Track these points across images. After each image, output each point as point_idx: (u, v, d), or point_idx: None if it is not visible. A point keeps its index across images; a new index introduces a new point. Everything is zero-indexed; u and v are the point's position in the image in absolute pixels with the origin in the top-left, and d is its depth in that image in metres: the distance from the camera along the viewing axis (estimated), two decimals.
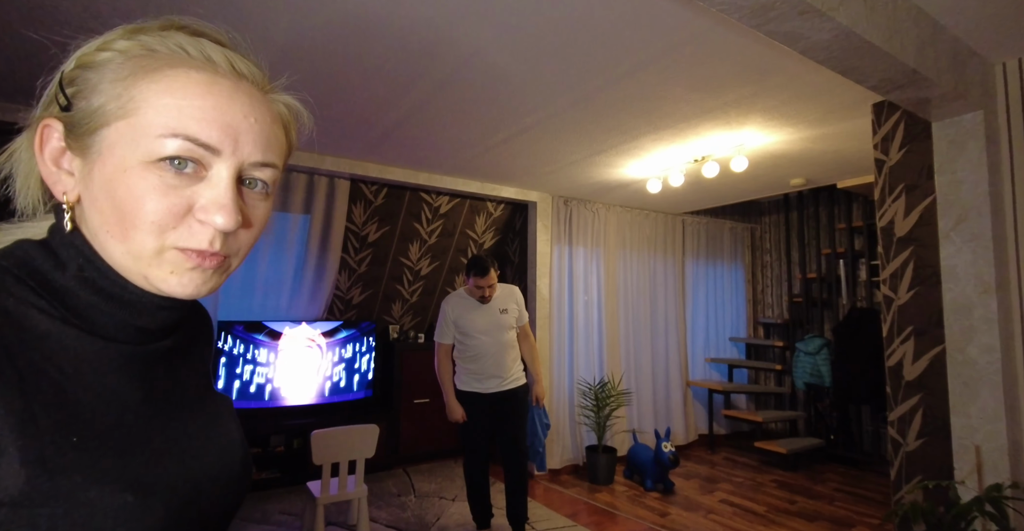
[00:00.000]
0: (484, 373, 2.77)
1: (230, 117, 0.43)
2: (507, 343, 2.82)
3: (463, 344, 2.80)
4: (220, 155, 0.42)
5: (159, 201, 0.40)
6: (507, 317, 2.82)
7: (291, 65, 2.19)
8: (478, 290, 2.73)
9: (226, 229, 0.42)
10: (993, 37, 1.90)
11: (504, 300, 2.84)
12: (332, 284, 3.87)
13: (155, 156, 0.40)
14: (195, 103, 0.42)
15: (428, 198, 4.14)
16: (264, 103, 0.48)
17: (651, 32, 1.90)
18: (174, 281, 0.42)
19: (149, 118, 0.40)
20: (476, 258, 2.74)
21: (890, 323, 2.25)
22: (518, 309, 2.89)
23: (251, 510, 3.09)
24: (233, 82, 0.45)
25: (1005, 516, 1.69)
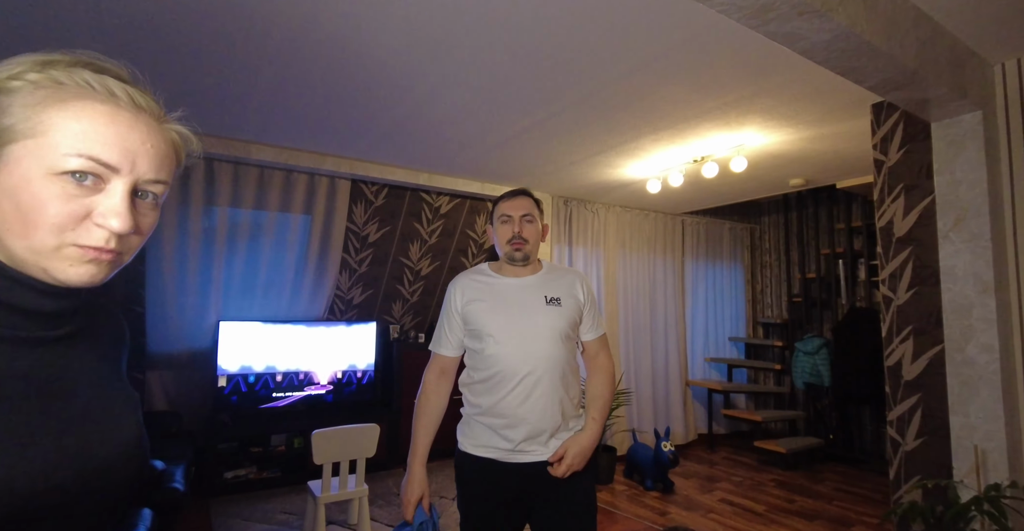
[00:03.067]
0: (508, 419, 1.43)
1: (129, 143, 0.51)
2: (558, 363, 1.45)
3: (474, 359, 1.52)
4: (119, 173, 0.51)
5: (61, 206, 0.48)
6: (560, 313, 1.49)
7: (292, 65, 2.19)
8: (505, 228, 1.53)
9: (121, 232, 0.50)
10: (992, 38, 1.91)
11: (556, 285, 1.54)
12: (333, 284, 3.88)
13: (59, 169, 0.48)
14: (99, 130, 0.50)
15: (428, 198, 4.14)
16: (159, 131, 0.56)
17: (650, 33, 1.91)
18: (71, 272, 0.50)
19: (57, 139, 0.48)
20: None
21: (889, 323, 2.26)
22: (581, 306, 1.56)
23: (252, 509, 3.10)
24: (133, 114, 0.53)
25: (1004, 515, 1.70)
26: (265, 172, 3.51)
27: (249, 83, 2.36)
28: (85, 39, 1.96)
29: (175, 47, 2.04)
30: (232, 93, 2.45)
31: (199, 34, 1.96)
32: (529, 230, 1.51)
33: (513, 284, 1.52)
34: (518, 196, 1.55)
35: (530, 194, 1.58)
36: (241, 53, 2.09)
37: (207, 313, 3.47)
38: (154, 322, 3.30)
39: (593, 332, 1.59)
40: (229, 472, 3.35)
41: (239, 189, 3.46)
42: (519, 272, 1.54)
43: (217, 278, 3.46)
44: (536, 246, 1.53)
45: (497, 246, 1.55)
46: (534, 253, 1.54)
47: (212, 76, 2.29)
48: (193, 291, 3.39)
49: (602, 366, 1.59)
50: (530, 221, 1.52)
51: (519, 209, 1.52)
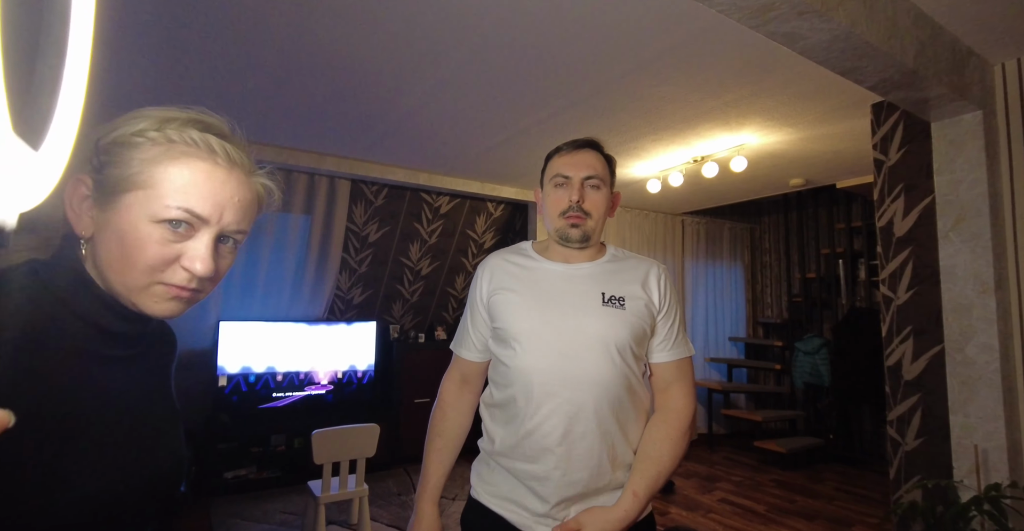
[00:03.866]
0: (535, 464, 1.04)
1: (221, 197, 0.59)
2: (611, 390, 1.05)
3: (496, 371, 1.15)
4: (208, 223, 0.58)
5: (157, 250, 0.55)
6: (621, 318, 1.08)
7: (291, 65, 2.19)
8: (559, 194, 1.12)
9: (203, 275, 0.57)
10: (992, 38, 1.91)
11: (622, 279, 1.13)
12: (333, 284, 3.88)
13: (161, 218, 0.55)
14: (198, 185, 0.57)
15: (428, 198, 4.14)
16: (247, 184, 0.63)
17: (650, 33, 1.91)
18: (157, 308, 0.58)
19: (163, 192, 0.56)
20: None
21: (889, 323, 2.26)
22: (655, 310, 1.13)
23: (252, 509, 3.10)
24: (227, 169, 0.60)
25: (1004, 515, 1.70)
26: None
27: (249, 83, 2.36)
28: None
29: (174, 47, 2.04)
30: (232, 93, 2.45)
31: (198, 34, 1.96)
32: (594, 199, 1.09)
33: (560, 272, 1.11)
34: (582, 149, 1.11)
35: (599, 147, 1.14)
36: (240, 53, 2.09)
37: (207, 313, 3.47)
38: None
39: (669, 351, 1.10)
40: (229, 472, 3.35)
41: None
42: (572, 256, 1.13)
43: None
44: (601, 223, 1.11)
45: (546, 219, 1.15)
46: (597, 232, 1.11)
47: (212, 76, 2.29)
48: None
49: (673, 407, 1.09)
50: (596, 187, 1.09)
51: (582, 168, 1.08)
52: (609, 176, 1.14)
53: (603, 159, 1.14)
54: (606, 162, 1.14)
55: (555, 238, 1.13)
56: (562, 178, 1.10)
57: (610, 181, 1.14)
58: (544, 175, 1.17)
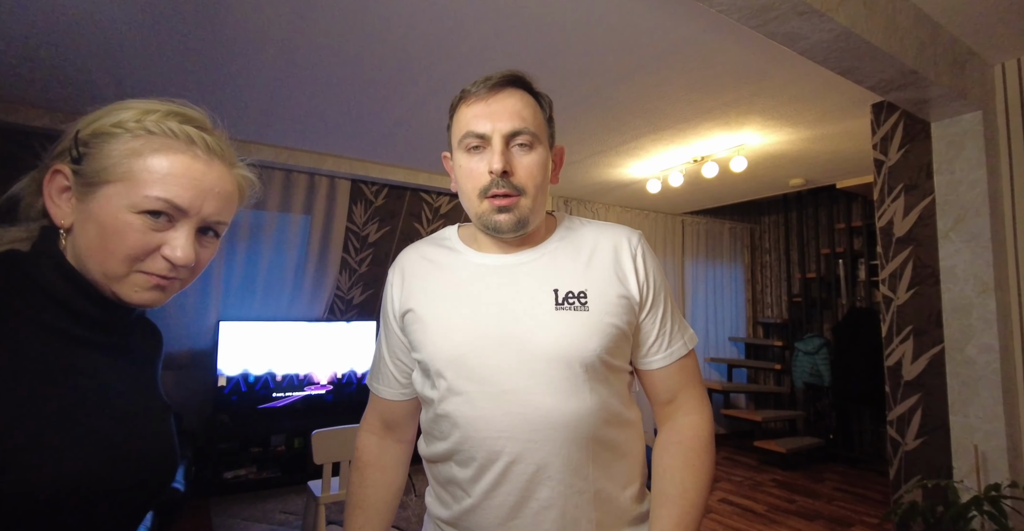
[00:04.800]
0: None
1: (200, 188, 0.59)
2: (582, 432, 0.72)
3: (426, 415, 0.82)
4: (188, 214, 0.58)
5: (137, 239, 0.56)
6: (583, 323, 0.74)
7: (291, 64, 2.19)
8: (473, 162, 0.76)
9: (183, 264, 0.58)
10: (992, 38, 1.91)
11: (577, 264, 0.80)
12: (333, 284, 3.88)
13: (140, 208, 0.56)
14: (177, 176, 0.58)
15: (428, 198, 4.14)
16: (227, 176, 0.63)
17: (650, 33, 1.91)
18: (136, 296, 0.58)
19: (142, 183, 0.56)
20: None
21: (889, 323, 2.26)
22: (635, 301, 0.79)
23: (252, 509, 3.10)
24: (207, 160, 0.61)
25: (1004, 515, 1.70)
26: (265, 172, 3.51)
27: (249, 83, 2.36)
28: (81, 38, 1.96)
29: (174, 47, 2.04)
30: (232, 93, 2.45)
31: (198, 34, 1.95)
32: (527, 165, 0.74)
33: (493, 267, 0.80)
34: (500, 90, 0.75)
35: (526, 83, 0.79)
36: (240, 52, 2.09)
37: (207, 313, 3.47)
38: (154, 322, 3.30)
39: (666, 353, 0.81)
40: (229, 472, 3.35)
41: None
42: (508, 245, 0.81)
43: (217, 278, 3.46)
44: (542, 197, 0.78)
45: (461, 198, 0.80)
46: (537, 212, 0.78)
47: (212, 75, 2.29)
48: (193, 291, 3.39)
49: (686, 423, 0.81)
50: (527, 146, 0.75)
51: (502, 119, 0.73)
52: (545, 126, 0.79)
53: (534, 102, 0.77)
54: (538, 105, 0.78)
55: (479, 227, 0.79)
56: (474, 138, 0.74)
57: (548, 132, 0.79)
58: (451, 132, 0.79)
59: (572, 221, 0.87)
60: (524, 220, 0.76)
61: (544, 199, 0.79)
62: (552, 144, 0.82)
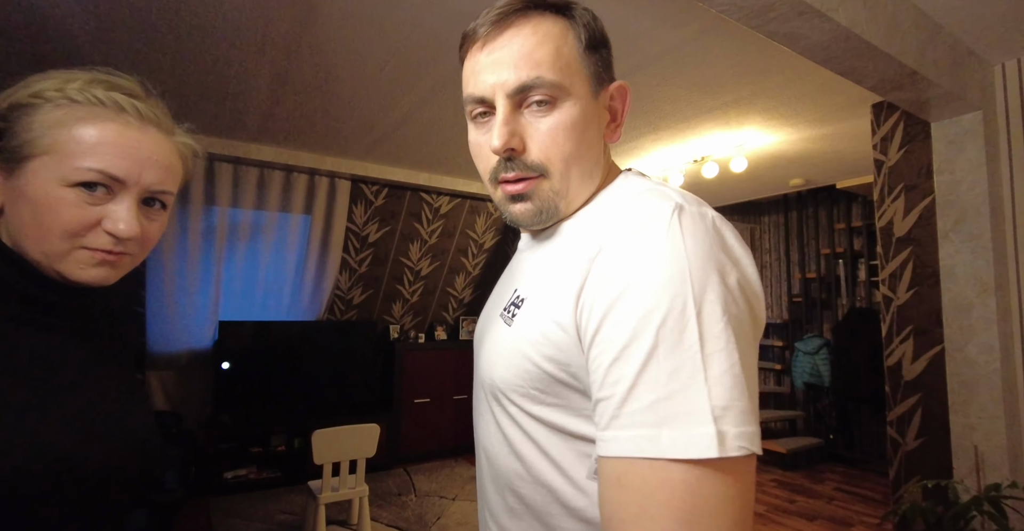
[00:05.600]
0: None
1: (136, 157, 0.56)
2: (507, 485, 0.55)
3: None
4: (126, 184, 0.55)
5: (73, 214, 0.53)
6: (506, 339, 0.54)
7: (292, 65, 2.19)
8: (478, 135, 0.57)
9: (127, 236, 0.55)
10: (992, 38, 1.91)
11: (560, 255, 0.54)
12: (332, 284, 3.88)
13: (72, 181, 0.53)
14: (109, 145, 0.54)
15: (428, 198, 4.15)
16: (166, 144, 0.60)
17: (650, 33, 1.91)
18: (83, 274, 0.55)
19: (71, 154, 0.53)
20: None
21: (889, 323, 2.26)
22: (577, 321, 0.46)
23: (253, 509, 3.10)
24: (140, 128, 0.57)
25: (1004, 515, 1.70)
26: (265, 172, 3.51)
27: (249, 83, 2.36)
28: (82, 37, 1.97)
29: (175, 47, 2.04)
30: (232, 93, 2.45)
31: (199, 34, 1.96)
32: (548, 132, 0.53)
33: (517, 253, 0.68)
34: (508, 24, 0.53)
35: (549, 5, 0.54)
36: (241, 53, 2.09)
37: (207, 313, 3.47)
38: (154, 322, 3.30)
39: (605, 435, 0.42)
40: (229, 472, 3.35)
41: (239, 189, 3.46)
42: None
43: (217, 278, 3.46)
44: (577, 172, 0.55)
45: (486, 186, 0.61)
46: (571, 195, 0.56)
47: (212, 76, 2.29)
48: (193, 291, 3.39)
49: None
50: (546, 103, 0.52)
51: (504, 69, 0.52)
52: (581, 62, 0.54)
53: (560, 28, 0.54)
54: (569, 30, 0.54)
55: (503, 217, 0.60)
56: (475, 103, 0.56)
57: (588, 71, 0.55)
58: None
59: (626, 184, 0.57)
60: (549, 209, 0.55)
61: (584, 172, 0.56)
62: (603, 84, 0.57)
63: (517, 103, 0.53)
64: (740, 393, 0.40)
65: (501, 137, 0.52)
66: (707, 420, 0.39)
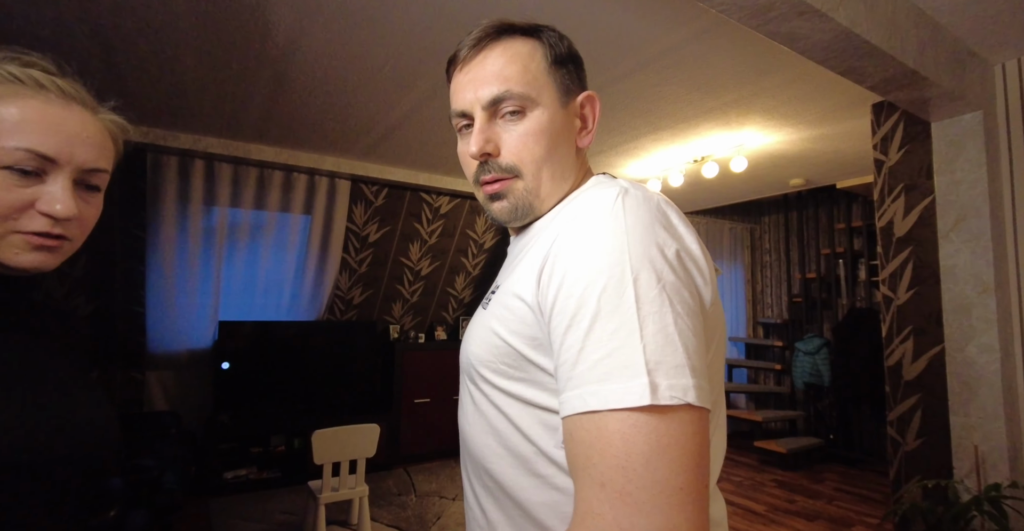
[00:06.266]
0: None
1: (65, 134, 0.53)
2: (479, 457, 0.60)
3: None
4: (57, 163, 0.53)
5: (2, 198, 0.50)
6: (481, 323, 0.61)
7: (292, 65, 2.19)
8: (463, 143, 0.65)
9: (64, 216, 0.52)
10: (993, 38, 1.91)
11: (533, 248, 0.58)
12: (332, 284, 3.88)
13: (0, 163, 0.50)
14: (32, 123, 0.52)
15: (428, 198, 4.15)
16: (93, 121, 0.57)
17: (650, 32, 1.91)
18: (19, 259, 0.52)
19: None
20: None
21: (889, 323, 2.25)
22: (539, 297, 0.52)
23: (252, 509, 3.10)
24: (64, 105, 0.54)
25: (1004, 516, 1.70)
26: (265, 172, 3.51)
27: (249, 83, 2.36)
28: (81, 38, 1.96)
29: (175, 47, 2.04)
30: (232, 93, 2.45)
31: (199, 34, 1.96)
32: (518, 138, 0.60)
33: (509, 255, 0.71)
34: (482, 48, 0.61)
35: (520, 29, 0.63)
36: (241, 53, 2.09)
37: (207, 313, 3.47)
38: (154, 322, 3.30)
39: (565, 395, 0.46)
40: (229, 472, 3.35)
41: (239, 189, 3.46)
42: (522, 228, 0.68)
43: (217, 278, 3.46)
44: (547, 173, 0.61)
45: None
46: (543, 195, 0.62)
47: (212, 76, 2.29)
48: (193, 291, 3.39)
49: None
50: (516, 112, 0.59)
51: (480, 85, 0.60)
52: (547, 75, 0.61)
53: (529, 48, 0.61)
54: (536, 49, 0.61)
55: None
56: (459, 117, 0.62)
57: (556, 83, 0.61)
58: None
59: (595, 183, 0.62)
60: (523, 207, 0.61)
61: (555, 173, 0.61)
62: (573, 94, 0.63)
63: (492, 114, 0.60)
64: (674, 350, 0.44)
65: (477, 143, 0.59)
66: (641, 372, 0.42)
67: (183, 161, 3.23)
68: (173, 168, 3.20)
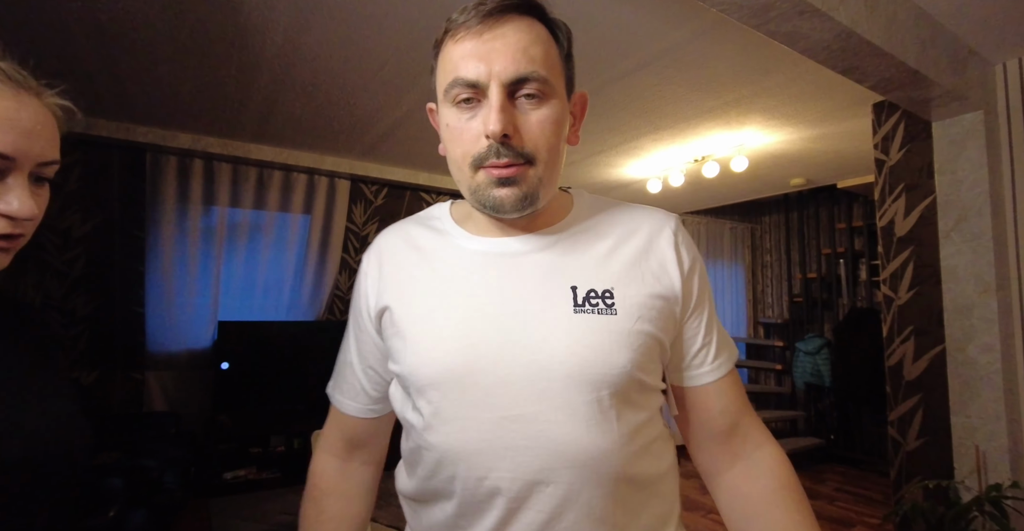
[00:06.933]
0: None
1: (20, 129, 0.50)
2: (608, 475, 0.55)
3: (408, 439, 0.64)
4: (15, 161, 0.50)
5: None
6: (612, 329, 0.57)
7: (292, 64, 2.19)
8: (463, 120, 0.57)
9: (26, 217, 0.50)
10: (993, 37, 1.90)
11: (600, 256, 0.62)
12: (332, 284, 3.87)
13: None
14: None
15: (428, 198, 4.14)
16: (42, 108, 0.53)
17: (650, 32, 1.90)
18: None
19: None
20: None
21: (890, 323, 2.25)
22: (675, 301, 0.62)
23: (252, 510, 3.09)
24: (13, 95, 0.50)
25: (1005, 516, 1.69)
26: (264, 172, 3.51)
27: (249, 83, 2.35)
28: (80, 37, 1.96)
29: (174, 47, 2.04)
30: (232, 93, 2.45)
31: (198, 34, 1.95)
32: (537, 123, 0.56)
33: (491, 255, 0.63)
34: (501, 19, 0.55)
35: (535, 7, 0.58)
36: (240, 53, 2.09)
37: (207, 313, 3.47)
38: (153, 322, 3.29)
39: (717, 362, 0.66)
40: (228, 473, 3.35)
41: (238, 189, 3.45)
42: (512, 227, 0.64)
43: (216, 278, 3.46)
44: (557, 165, 0.60)
45: (451, 167, 0.61)
46: (549, 186, 0.60)
47: (211, 75, 2.29)
48: (193, 291, 3.38)
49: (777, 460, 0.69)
50: (537, 97, 0.56)
51: (504, 60, 0.54)
52: (562, 67, 0.60)
53: (547, 33, 0.58)
54: (552, 37, 0.59)
55: (473, 204, 0.61)
56: (464, 87, 0.56)
57: (565, 76, 0.61)
58: (435, 81, 0.61)
59: (594, 201, 0.68)
60: (532, 195, 0.58)
61: (559, 167, 0.61)
62: (571, 91, 0.63)
63: (509, 92, 0.55)
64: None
65: (499, 122, 0.53)
66: (733, 343, 0.69)
67: (182, 161, 3.22)
68: (172, 168, 3.20)
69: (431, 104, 0.65)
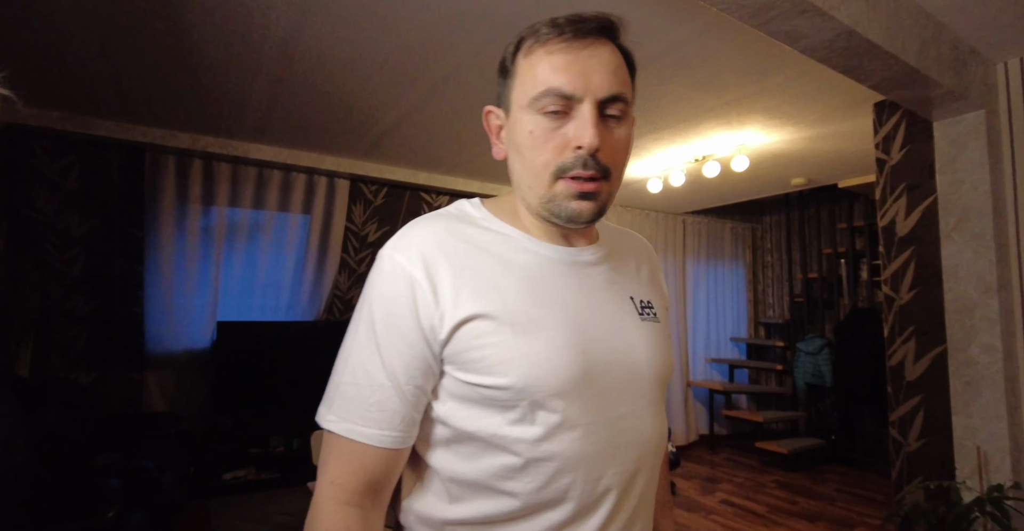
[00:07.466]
0: None
1: None
2: (658, 460, 0.67)
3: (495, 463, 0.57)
4: None
5: None
6: (662, 336, 0.69)
7: (291, 64, 2.18)
8: (551, 128, 0.58)
9: None
10: (995, 36, 1.90)
11: (631, 272, 0.72)
12: (332, 284, 3.87)
13: None
14: None
15: (428, 198, 4.14)
16: None
17: (651, 31, 1.90)
18: None
19: None
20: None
21: (891, 323, 2.24)
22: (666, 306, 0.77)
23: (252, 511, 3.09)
24: None
25: (1007, 516, 1.68)
26: (264, 171, 3.50)
27: (247, 82, 2.35)
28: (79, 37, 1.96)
29: (174, 47, 2.04)
30: (230, 92, 2.44)
31: (197, 33, 1.95)
32: (617, 143, 0.60)
33: (560, 262, 0.64)
34: (596, 40, 0.59)
35: (615, 34, 0.61)
36: (239, 51, 2.08)
37: (206, 313, 3.46)
38: (152, 322, 3.29)
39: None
40: (228, 473, 3.34)
41: (238, 189, 3.45)
42: (567, 236, 0.66)
43: (216, 278, 3.46)
44: (619, 186, 0.63)
45: (517, 174, 0.63)
46: (611, 204, 0.63)
47: (211, 75, 2.28)
48: (192, 291, 3.38)
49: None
50: (619, 118, 0.60)
51: (601, 79, 0.57)
52: (632, 94, 0.63)
53: (623, 60, 0.62)
54: (627, 65, 0.62)
55: (540, 212, 0.62)
56: (558, 98, 0.57)
57: (631, 98, 0.62)
58: (512, 82, 0.62)
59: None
60: (603, 209, 0.61)
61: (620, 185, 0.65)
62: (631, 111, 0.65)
63: (600, 110, 0.58)
64: None
65: (595, 135, 0.56)
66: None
67: (181, 161, 3.22)
68: (171, 168, 3.19)
69: (490, 107, 0.66)
